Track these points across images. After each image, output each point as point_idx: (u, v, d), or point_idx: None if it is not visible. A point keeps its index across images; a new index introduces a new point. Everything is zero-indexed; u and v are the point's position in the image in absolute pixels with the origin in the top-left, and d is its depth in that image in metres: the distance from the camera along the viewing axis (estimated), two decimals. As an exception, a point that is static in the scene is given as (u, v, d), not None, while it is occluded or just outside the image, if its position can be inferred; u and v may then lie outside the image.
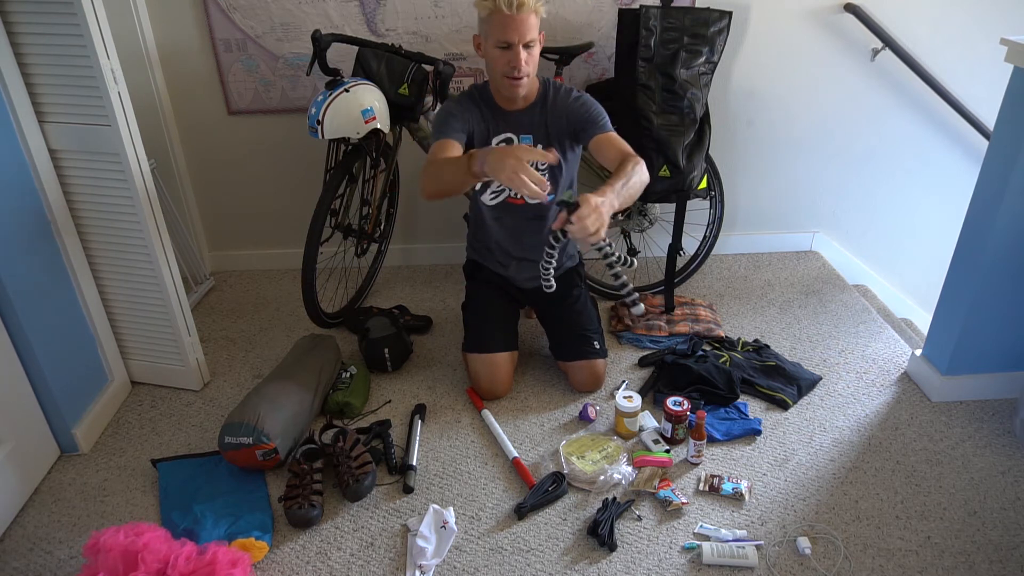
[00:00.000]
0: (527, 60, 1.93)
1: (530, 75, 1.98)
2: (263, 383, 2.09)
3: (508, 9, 1.85)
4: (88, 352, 2.13)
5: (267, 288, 2.93)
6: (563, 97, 2.07)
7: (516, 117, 2.07)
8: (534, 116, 2.07)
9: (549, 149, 1.96)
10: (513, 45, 1.90)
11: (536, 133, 2.08)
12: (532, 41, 1.91)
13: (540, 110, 2.07)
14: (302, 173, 2.84)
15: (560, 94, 2.08)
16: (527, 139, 2.08)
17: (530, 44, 1.91)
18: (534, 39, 1.92)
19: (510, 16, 1.86)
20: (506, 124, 2.08)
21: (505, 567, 1.70)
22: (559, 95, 2.08)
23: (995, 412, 2.18)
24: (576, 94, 2.08)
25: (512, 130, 2.08)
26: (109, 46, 1.83)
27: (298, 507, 1.79)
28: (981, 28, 2.68)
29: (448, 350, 2.50)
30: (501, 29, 1.88)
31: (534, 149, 1.72)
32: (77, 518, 1.85)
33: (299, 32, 2.59)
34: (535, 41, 1.92)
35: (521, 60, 1.91)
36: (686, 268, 2.89)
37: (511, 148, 1.70)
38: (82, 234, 2.07)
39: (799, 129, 2.88)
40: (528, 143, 2.07)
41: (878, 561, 1.70)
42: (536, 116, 2.07)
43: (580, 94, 2.08)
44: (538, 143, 2.08)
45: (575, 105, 2.06)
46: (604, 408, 2.21)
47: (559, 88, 2.09)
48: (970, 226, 2.07)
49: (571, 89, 2.09)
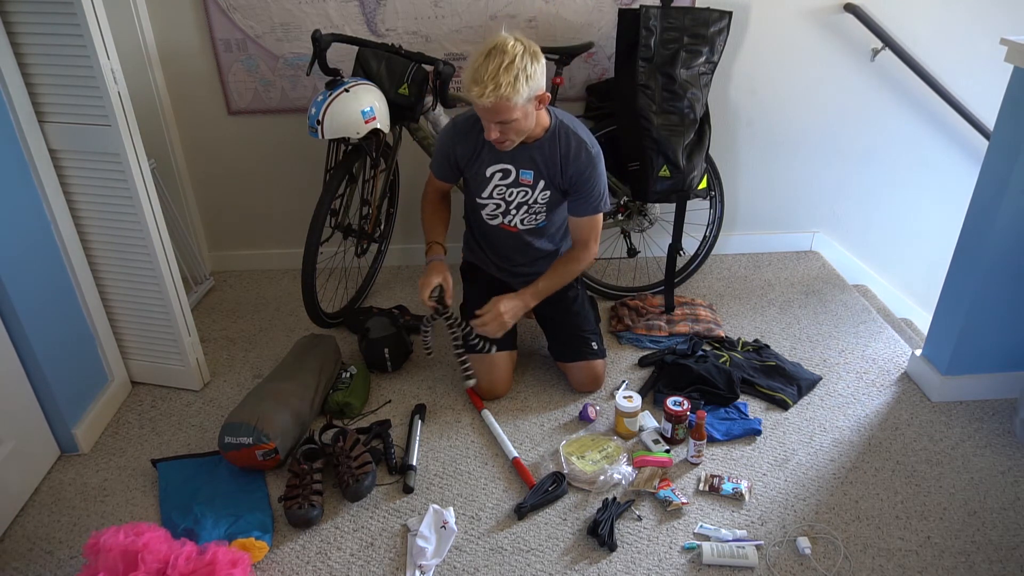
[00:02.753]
0: (502, 131, 1.86)
1: (512, 141, 1.91)
2: (263, 383, 2.09)
3: (474, 97, 1.77)
4: (88, 352, 2.12)
5: (267, 288, 2.93)
6: (574, 154, 1.98)
7: (518, 151, 2.00)
8: (537, 154, 2.00)
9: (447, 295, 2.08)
10: (485, 119, 1.85)
11: (535, 170, 2.02)
12: (508, 121, 1.82)
13: (545, 151, 1.99)
14: (302, 173, 2.84)
15: (572, 148, 1.98)
16: (527, 174, 2.02)
17: (504, 122, 1.83)
18: (507, 120, 1.82)
19: (476, 101, 1.78)
20: (506, 155, 2.01)
21: (505, 567, 1.70)
22: (571, 149, 1.98)
23: (995, 412, 2.18)
24: (586, 158, 1.99)
25: (511, 163, 2.02)
26: (109, 46, 1.83)
27: (298, 507, 1.79)
28: (981, 28, 2.68)
29: (448, 350, 2.50)
30: (475, 107, 1.83)
31: (429, 292, 2.02)
32: (77, 518, 1.85)
33: (299, 32, 2.59)
34: (510, 121, 1.82)
35: (494, 134, 1.86)
36: (686, 268, 2.89)
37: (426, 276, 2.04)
38: (82, 234, 2.07)
39: (799, 129, 2.88)
40: (528, 178, 2.03)
41: (878, 561, 1.70)
42: (539, 155, 2.00)
43: (590, 160, 1.99)
44: (539, 179, 2.03)
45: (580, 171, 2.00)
46: (604, 408, 2.21)
47: (571, 139, 1.98)
48: (970, 226, 2.07)
49: (583, 146, 1.99)
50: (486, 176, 2.06)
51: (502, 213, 2.12)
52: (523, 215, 2.11)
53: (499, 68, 1.73)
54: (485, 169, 2.05)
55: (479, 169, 2.06)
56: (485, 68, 1.74)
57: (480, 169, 2.06)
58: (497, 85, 1.73)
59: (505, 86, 1.73)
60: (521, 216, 2.12)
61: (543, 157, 2.01)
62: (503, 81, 1.73)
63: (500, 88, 1.73)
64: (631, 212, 2.68)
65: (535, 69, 1.79)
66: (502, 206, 2.10)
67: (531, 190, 2.06)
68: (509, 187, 2.06)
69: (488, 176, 2.06)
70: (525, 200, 2.08)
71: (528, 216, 2.12)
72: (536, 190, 2.05)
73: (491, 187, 2.07)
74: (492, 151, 2.02)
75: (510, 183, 2.06)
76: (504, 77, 1.73)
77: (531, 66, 1.77)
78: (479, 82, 1.74)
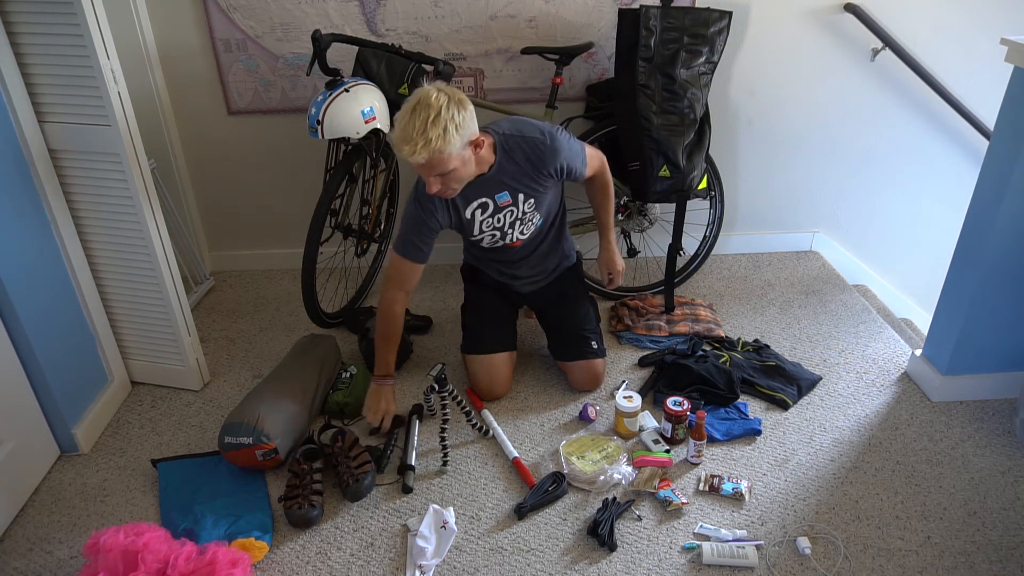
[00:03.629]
0: (443, 182, 1.82)
1: (456, 189, 1.88)
2: (263, 383, 2.09)
3: (405, 156, 1.74)
4: (88, 352, 2.13)
5: (267, 288, 2.93)
6: (535, 156, 1.98)
7: (484, 182, 1.99)
8: (503, 176, 2.00)
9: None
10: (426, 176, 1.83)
11: (509, 189, 2.02)
12: (446, 172, 1.80)
13: (505, 170, 1.99)
14: (302, 173, 2.84)
15: (528, 151, 1.97)
16: (503, 196, 2.02)
17: (442, 174, 1.81)
18: (450, 169, 1.79)
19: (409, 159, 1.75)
20: (476, 191, 2.00)
21: (505, 567, 1.70)
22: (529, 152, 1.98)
23: (995, 412, 2.18)
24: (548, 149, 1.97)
25: (485, 195, 2.02)
26: (109, 46, 1.83)
27: (298, 507, 1.79)
28: (981, 28, 2.68)
29: (448, 350, 2.50)
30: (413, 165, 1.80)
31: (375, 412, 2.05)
32: (77, 518, 1.85)
33: (299, 32, 2.59)
34: (447, 171, 1.79)
35: (435, 187, 1.83)
36: (686, 268, 2.89)
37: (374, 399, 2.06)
38: (82, 234, 2.07)
39: (799, 129, 2.88)
40: (506, 199, 2.02)
41: (878, 561, 1.70)
42: (504, 176, 2.00)
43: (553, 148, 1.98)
44: (516, 195, 2.03)
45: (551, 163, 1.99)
46: (604, 408, 2.21)
47: (520, 145, 1.97)
48: (970, 226, 2.07)
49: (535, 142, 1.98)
50: (467, 218, 2.05)
51: (501, 238, 2.13)
52: (521, 228, 2.12)
53: (426, 123, 1.71)
54: (464, 212, 2.04)
55: (459, 216, 2.05)
56: (412, 125, 1.71)
57: (460, 215, 2.05)
58: (427, 140, 1.70)
59: (435, 139, 1.71)
60: (520, 230, 2.12)
61: (509, 175, 2.00)
62: (432, 135, 1.71)
63: (431, 143, 1.71)
64: (631, 212, 2.68)
65: (463, 117, 1.76)
66: (497, 234, 2.11)
67: (515, 208, 2.06)
68: (494, 215, 2.06)
69: (470, 217, 2.05)
70: (516, 217, 2.08)
71: (525, 226, 2.12)
72: (520, 204, 2.06)
73: (478, 224, 2.07)
74: (463, 194, 2.00)
75: (492, 211, 2.05)
76: (433, 131, 1.71)
77: (458, 115, 1.74)
78: (408, 140, 1.71)
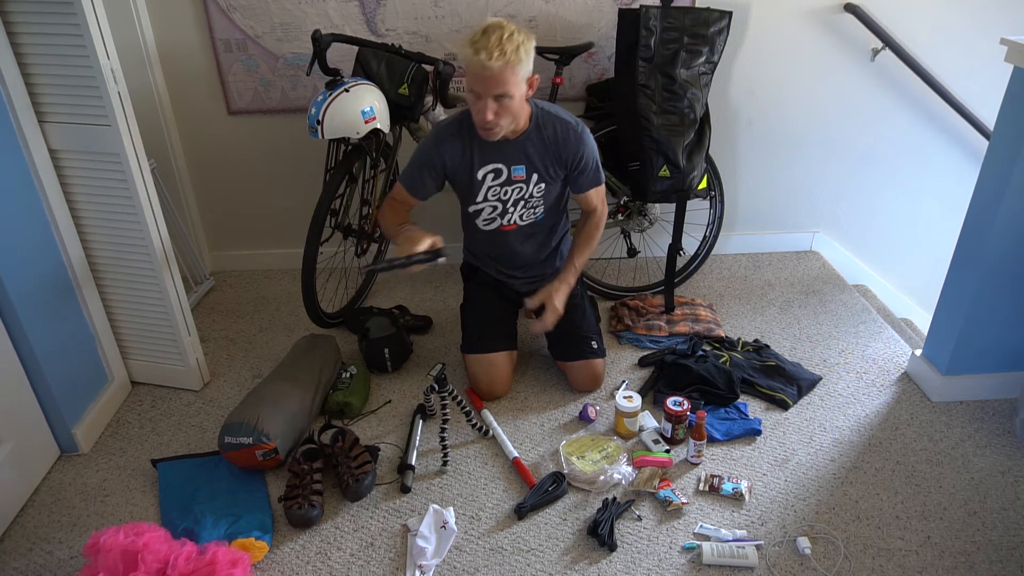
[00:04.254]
0: (497, 112, 1.85)
1: (502, 126, 1.90)
2: (263, 383, 2.09)
3: (478, 65, 1.78)
4: (88, 352, 2.13)
5: (267, 288, 2.93)
6: (562, 136, 2.01)
7: (507, 148, 2.01)
8: (525, 147, 2.01)
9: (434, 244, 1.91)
10: (481, 96, 1.84)
11: (527, 165, 2.03)
12: (504, 95, 1.83)
13: (531, 141, 2.01)
14: (302, 173, 2.84)
15: (558, 130, 2.01)
16: (519, 170, 2.03)
17: (502, 97, 1.84)
18: (507, 93, 1.83)
19: (480, 69, 1.78)
20: (495, 154, 2.01)
21: (505, 567, 1.70)
22: (557, 132, 2.01)
23: (995, 412, 2.18)
24: (575, 136, 2.01)
25: (502, 161, 2.02)
26: (109, 46, 1.83)
27: (298, 507, 1.79)
28: (981, 28, 2.68)
29: (448, 350, 2.51)
30: (472, 78, 1.83)
31: (419, 248, 1.85)
32: (77, 518, 1.85)
33: (299, 32, 2.59)
34: (508, 95, 1.83)
35: (487, 113, 1.84)
36: (686, 268, 2.89)
37: (405, 243, 1.88)
38: (82, 234, 2.07)
39: (799, 129, 2.88)
40: (520, 174, 2.03)
41: (878, 561, 1.70)
42: (529, 147, 2.01)
43: (579, 137, 2.02)
44: (531, 173, 2.04)
45: (573, 151, 2.03)
46: (604, 408, 2.21)
47: (555, 122, 2.01)
48: (970, 226, 2.07)
49: (568, 126, 2.02)
50: (478, 179, 2.05)
51: (499, 215, 2.12)
52: (521, 211, 2.11)
53: (501, 38, 1.77)
54: (476, 171, 2.04)
55: (470, 173, 2.04)
56: (488, 38, 1.78)
57: (471, 173, 2.04)
58: (503, 51, 1.76)
59: (510, 52, 1.77)
60: (520, 212, 2.12)
61: (534, 148, 2.01)
62: (508, 48, 1.77)
63: (506, 54, 1.76)
64: (631, 212, 2.68)
65: (529, 47, 1.84)
66: (498, 207, 2.10)
67: (525, 185, 2.06)
68: (503, 186, 2.06)
69: (480, 179, 2.05)
70: (522, 196, 2.08)
71: (527, 211, 2.12)
72: (531, 184, 2.05)
73: (484, 190, 2.06)
74: (482, 152, 2.01)
75: (503, 182, 2.05)
76: (508, 45, 1.77)
77: (527, 43, 1.83)
78: (484, 48, 1.76)
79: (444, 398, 1.94)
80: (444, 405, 1.95)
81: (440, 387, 1.93)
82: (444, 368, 1.94)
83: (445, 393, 1.93)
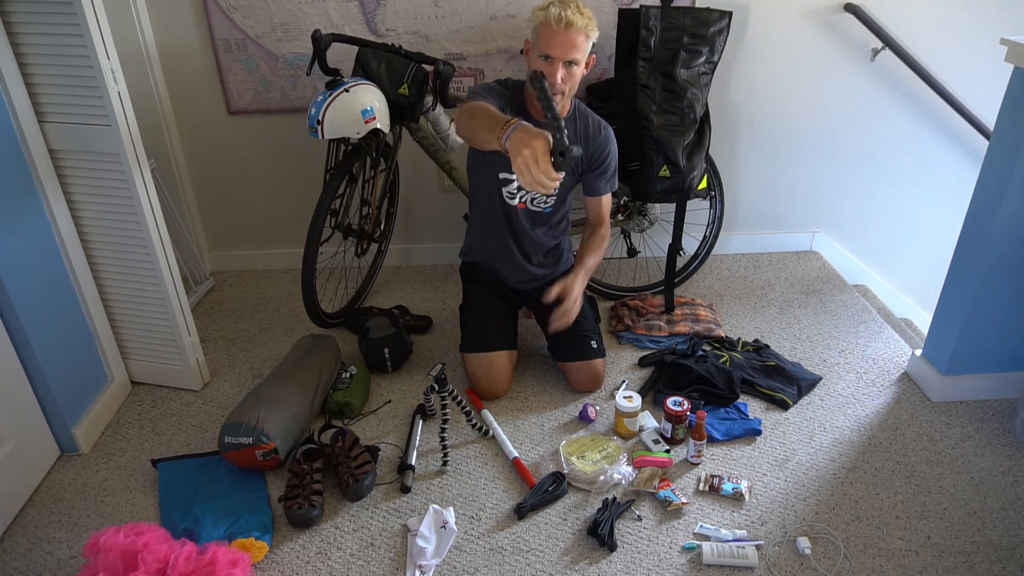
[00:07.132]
0: (564, 78, 1.93)
1: (566, 93, 1.98)
2: (263, 383, 2.09)
3: (556, 24, 1.86)
4: (88, 352, 2.12)
5: (267, 288, 2.93)
6: (594, 131, 2.12)
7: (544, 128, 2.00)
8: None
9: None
10: (554, 60, 1.91)
11: None
12: (575, 61, 1.92)
13: (570, 129, 2.05)
14: (302, 173, 2.85)
15: (591, 125, 2.11)
16: None
17: (572, 63, 1.92)
18: (577, 60, 1.92)
19: (556, 31, 1.87)
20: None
21: (505, 567, 1.70)
22: (590, 126, 2.11)
23: (995, 412, 2.18)
24: (604, 135, 2.12)
25: None
26: (109, 46, 1.83)
27: (298, 507, 1.79)
28: (981, 28, 2.68)
29: (448, 350, 2.51)
30: (546, 41, 1.90)
31: (549, 152, 1.50)
32: (77, 518, 1.85)
33: (299, 32, 2.59)
34: (578, 62, 1.93)
35: (558, 76, 1.91)
36: (686, 268, 2.89)
37: (534, 141, 1.48)
38: (82, 234, 2.07)
39: (799, 129, 2.88)
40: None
41: (878, 561, 1.70)
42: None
43: (608, 137, 2.12)
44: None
45: (601, 148, 2.11)
46: (604, 408, 2.21)
47: (589, 117, 2.12)
48: (970, 226, 2.07)
49: (600, 123, 2.13)
50: None
51: (519, 187, 2.14)
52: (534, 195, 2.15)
53: (579, 5, 1.90)
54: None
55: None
56: (566, 4, 1.88)
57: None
58: (582, 14, 1.89)
59: (588, 17, 1.91)
60: (532, 195, 2.16)
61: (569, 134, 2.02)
62: (586, 14, 1.90)
63: (585, 16, 1.89)
64: (631, 212, 2.68)
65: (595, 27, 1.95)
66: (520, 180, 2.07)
67: None
68: None
69: None
70: None
71: (540, 197, 2.15)
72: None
73: None
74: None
75: None
76: (586, 12, 1.91)
77: (593, 22, 1.94)
78: (569, 7, 1.87)
79: (444, 398, 1.94)
80: (444, 405, 1.95)
81: (440, 387, 1.93)
82: (444, 368, 1.94)
83: (445, 393, 1.93)
